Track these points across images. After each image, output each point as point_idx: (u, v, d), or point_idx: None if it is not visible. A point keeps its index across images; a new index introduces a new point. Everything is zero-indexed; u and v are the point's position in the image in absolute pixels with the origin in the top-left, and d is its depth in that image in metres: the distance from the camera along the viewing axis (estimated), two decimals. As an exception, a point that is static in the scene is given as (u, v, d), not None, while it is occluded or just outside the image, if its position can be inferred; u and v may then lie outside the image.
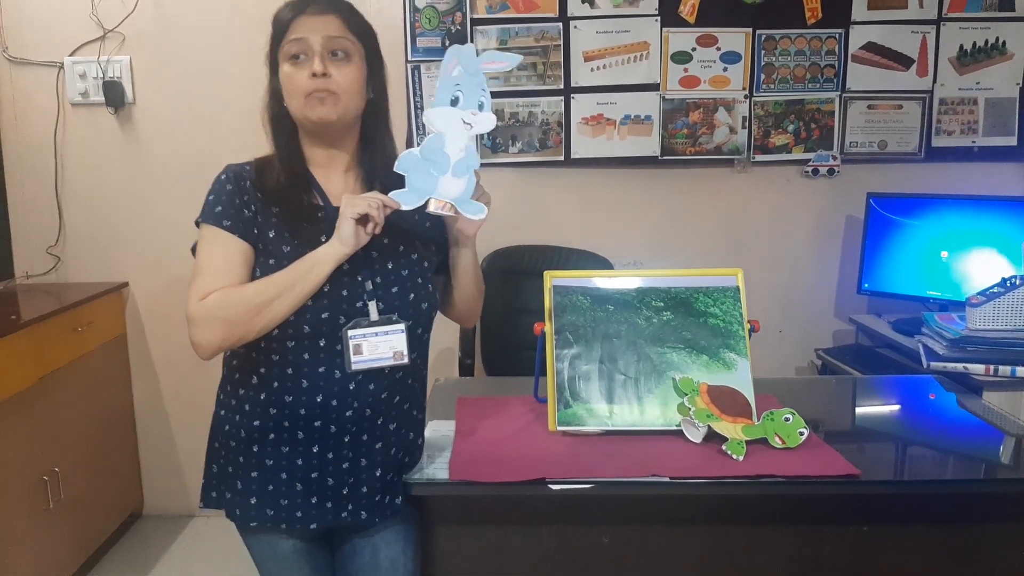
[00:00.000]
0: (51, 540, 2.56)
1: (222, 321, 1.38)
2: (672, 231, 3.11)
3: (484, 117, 1.42)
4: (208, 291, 1.39)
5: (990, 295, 2.21)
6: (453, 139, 1.39)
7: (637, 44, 2.97)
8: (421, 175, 1.38)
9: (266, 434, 1.45)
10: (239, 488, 1.47)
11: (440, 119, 1.40)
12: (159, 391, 3.17)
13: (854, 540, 1.51)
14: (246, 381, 1.46)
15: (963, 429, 1.81)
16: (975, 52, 2.99)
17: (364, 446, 1.45)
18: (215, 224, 1.42)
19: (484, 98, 1.42)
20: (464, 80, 1.40)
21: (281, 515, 1.45)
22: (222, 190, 1.45)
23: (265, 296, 1.38)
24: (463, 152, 1.40)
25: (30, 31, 2.93)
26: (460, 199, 1.40)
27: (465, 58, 1.40)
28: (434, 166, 1.38)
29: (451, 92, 1.40)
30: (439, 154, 1.39)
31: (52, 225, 3.04)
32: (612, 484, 1.45)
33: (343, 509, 1.46)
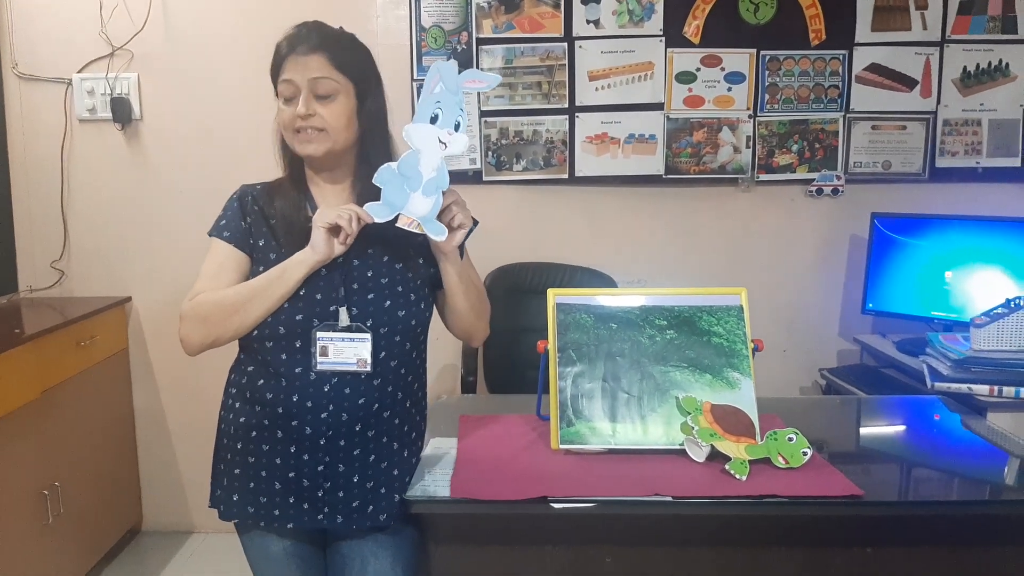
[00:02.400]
0: (51, 554, 2.55)
1: (201, 320, 1.49)
2: (676, 250, 3.11)
3: (458, 138, 1.45)
4: (198, 292, 1.51)
5: (994, 316, 2.21)
6: (428, 157, 1.44)
7: (642, 64, 2.98)
8: (395, 190, 1.43)
9: (249, 431, 1.51)
10: (225, 484, 1.55)
11: (418, 135, 1.44)
12: (160, 406, 3.17)
13: (858, 561, 1.50)
14: (238, 380, 1.56)
15: (967, 450, 1.80)
16: (979, 73, 3.01)
17: (341, 451, 1.48)
18: (217, 236, 1.55)
19: (461, 118, 1.45)
20: (444, 97, 1.44)
21: (260, 512, 1.50)
22: (230, 207, 1.59)
23: (240, 297, 1.47)
24: (435, 172, 1.44)
25: (40, 48, 2.96)
26: (426, 218, 1.44)
27: (447, 75, 1.43)
28: (408, 182, 1.43)
29: (431, 109, 1.44)
30: (414, 171, 1.43)
31: (57, 239, 3.05)
32: (615, 503, 1.44)
33: (319, 512, 1.49)
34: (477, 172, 3.02)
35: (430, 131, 1.43)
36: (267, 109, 3.16)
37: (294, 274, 1.46)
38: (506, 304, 2.93)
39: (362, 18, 2.94)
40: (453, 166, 2.99)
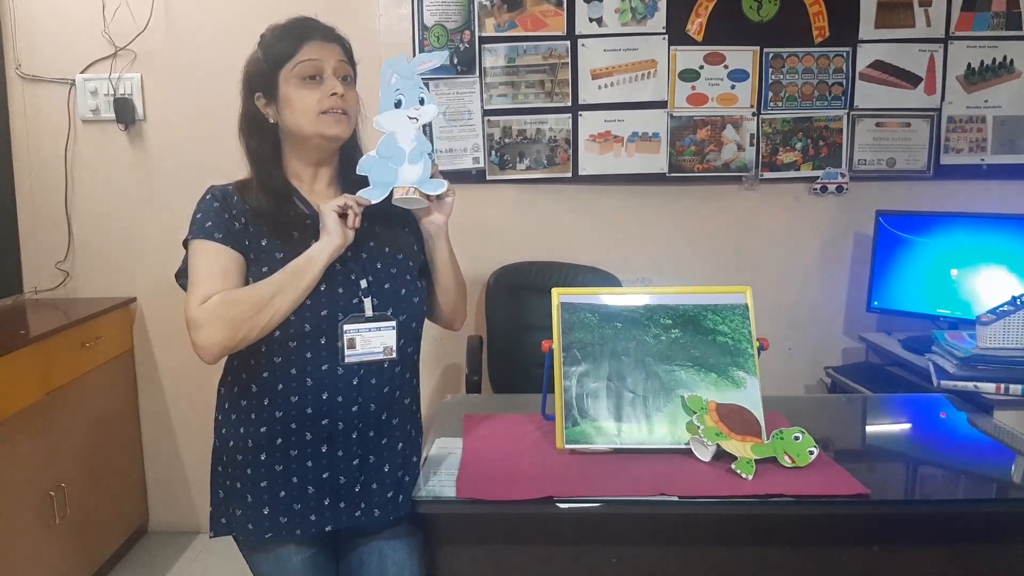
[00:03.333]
0: (57, 556, 2.56)
1: (227, 321, 1.41)
2: (680, 248, 3.11)
3: (427, 108, 1.53)
4: (207, 295, 1.43)
5: (1000, 313, 2.20)
6: (403, 134, 1.51)
7: (645, 62, 2.98)
8: (381, 171, 1.50)
9: (273, 440, 1.47)
10: (249, 501, 1.48)
11: (388, 122, 1.52)
12: (166, 407, 3.17)
13: (864, 560, 1.49)
14: (247, 391, 1.49)
15: (974, 448, 1.80)
16: (983, 70, 3.00)
17: (372, 442, 1.50)
18: (206, 238, 1.47)
19: (424, 94, 1.53)
20: (402, 85, 1.52)
21: (295, 521, 1.47)
22: (209, 208, 1.51)
23: (267, 292, 1.42)
24: (414, 141, 1.51)
25: (43, 48, 2.96)
26: (419, 181, 1.51)
27: (398, 66, 1.53)
28: (391, 160, 1.51)
29: (393, 98, 1.52)
30: (394, 149, 1.51)
31: (61, 240, 3.05)
32: (620, 503, 1.44)
33: (356, 508, 1.49)
34: (480, 171, 3.02)
35: (397, 114, 1.52)
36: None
37: (318, 264, 1.44)
38: (510, 303, 2.93)
39: (364, 17, 2.93)
40: (457, 165, 3.01)
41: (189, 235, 1.50)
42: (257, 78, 1.55)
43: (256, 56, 1.56)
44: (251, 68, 1.56)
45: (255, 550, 1.54)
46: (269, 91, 1.53)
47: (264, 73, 1.53)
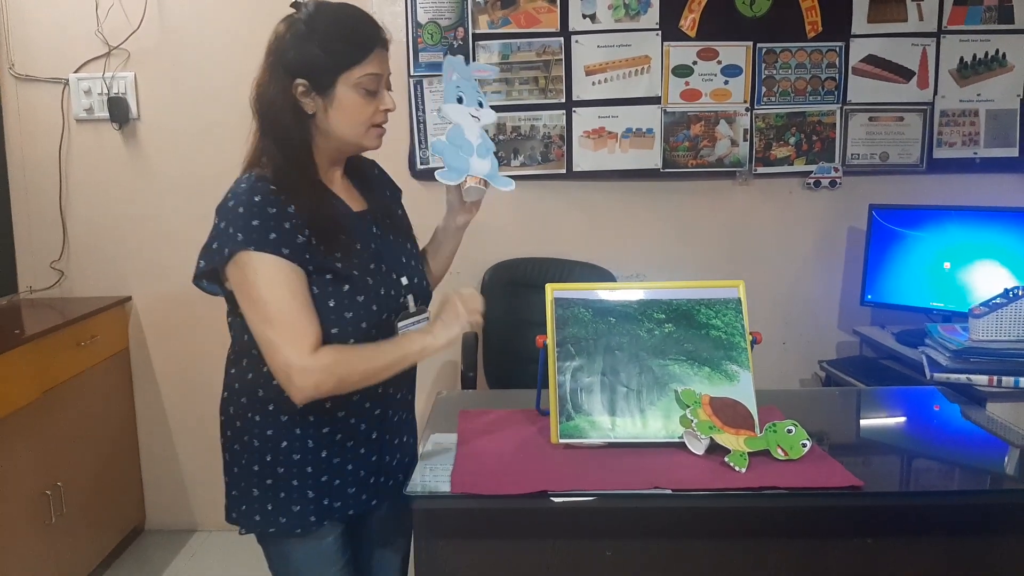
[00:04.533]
0: (53, 555, 2.56)
1: (337, 379, 1.40)
2: (674, 244, 3.12)
3: (486, 112, 1.62)
4: (308, 338, 1.37)
5: (993, 306, 2.21)
6: (469, 128, 1.59)
7: (638, 58, 2.98)
8: (454, 157, 1.58)
9: (334, 435, 1.51)
10: (310, 496, 1.51)
11: (454, 113, 1.59)
12: (162, 406, 3.17)
13: (858, 552, 1.50)
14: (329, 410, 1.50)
15: (967, 440, 1.81)
16: (975, 64, 3.00)
17: (405, 423, 1.66)
18: (273, 252, 1.37)
19: (481, 98, 1.62)
20: (462, 84, 1.60)
21: (349, 503, 1.54)
22: (264, 214, 1.38)
23: (380, 366, 1.45)
24: (480, 139, 1.60)
25: (36, 48, 2.96)
26: (491, 175, 1.61)
27: (458, 66, 1.59)
28: (462, 149, 1.58)
29: (455, 93, 1.60)
30: (462, 140, 1.59)
31: (56, 240, 3.05)
32: (614, 497, 1.44)
33: (393, 479, 1.62)
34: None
35: (461, 109, 1.60)
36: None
37: (428, 353, 1.49)
38: (505, 299, 2.93)
39: (358, 15, 2.93)
40: (451, 162, 3.01)
41: (246, 242, 1.36)
42: (305, 67, 1.43)
43: (307, 43, 1.43)
44: (297, 52, 1.43)
45: (289, 538, 1.53)
46: (319, 86, 1.44)
47: (319, 68, 1.43)
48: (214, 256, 1.40)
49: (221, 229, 1.40)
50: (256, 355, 1.46)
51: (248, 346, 1.49)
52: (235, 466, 1.55)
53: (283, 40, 1.45)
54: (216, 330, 3.10)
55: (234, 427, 1.54)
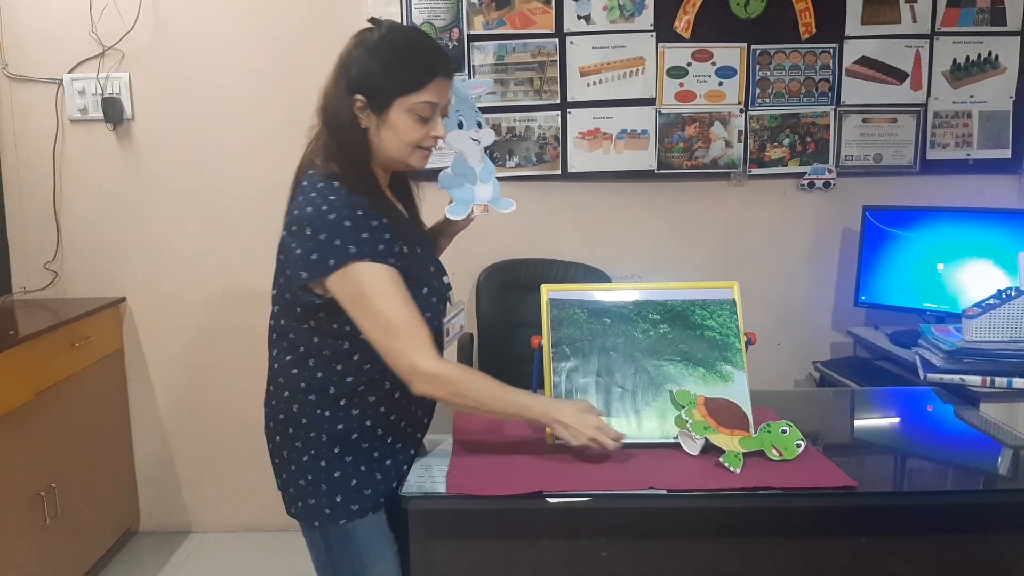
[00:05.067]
0: (47, 556, 2.55)
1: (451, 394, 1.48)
2: (669, 244, 3.12)
3: (485, 132, 1.68)
4: (428, 343, 1.46)
5: (986, 307, 2.22)
6: (471, 154, 1.66)
7: (633, 59, 2.99)
8: (459, 189, 1.65)
9: (399, 422, 1.59)
10: (378, 479, 1.57)
11: (456, 141, 1.65)
12: (156, 406, 3.17)
13: (852, 552, 1.51)
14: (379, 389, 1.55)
15: (960, 441, 1.81)
16: (968, 66, 3.02)
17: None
18: (384, 262, 1.45)
19: (479, 117, 1.68)
20: (461, 106, 1.65)
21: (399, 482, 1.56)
22: (369, 225, 1.45)
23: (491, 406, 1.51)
24: (482, 163, 1.67)
25: (30, 48, 2.95)
26: (494, 199, 1.68)
27: (456, 90, 1.60)
28: (466, 179, 1.65)
29: (455, 119, 1.64)
30: (466, 168, 1.66)
31: (50, 240, 3.04)
32: (609, 497, 1.45)
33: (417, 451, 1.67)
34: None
35: (462, 134, 1.65)
36: (259, 107, 3.16)
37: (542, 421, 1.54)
38: (500, 300, 2.94)
39: (353, 15, 2.93)
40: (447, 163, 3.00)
41: (356, 255, 1.42)
42: (366, 85, 1.48)
43: (370, 62, 1.48)
44: (360, 70, 1.49)
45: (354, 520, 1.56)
46: (376, 104, 1.49)
47: (378, 89, 1.48)
48: (317, 267, 1.43)
49: (323, 240, 1.43)
50: (327, 356, 1.52)
51: (319, 347, 1.52)
52: (293, 464, 1.57)
53: (351, 55, 1.52)
54: (210, 330, 3.11)
55: (298, 424, 1.55)
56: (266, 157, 3.01)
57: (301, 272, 1.45)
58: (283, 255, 1.52)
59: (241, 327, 3.05)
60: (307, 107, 3.26)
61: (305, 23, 2.94)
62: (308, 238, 1.44)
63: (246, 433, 3.12)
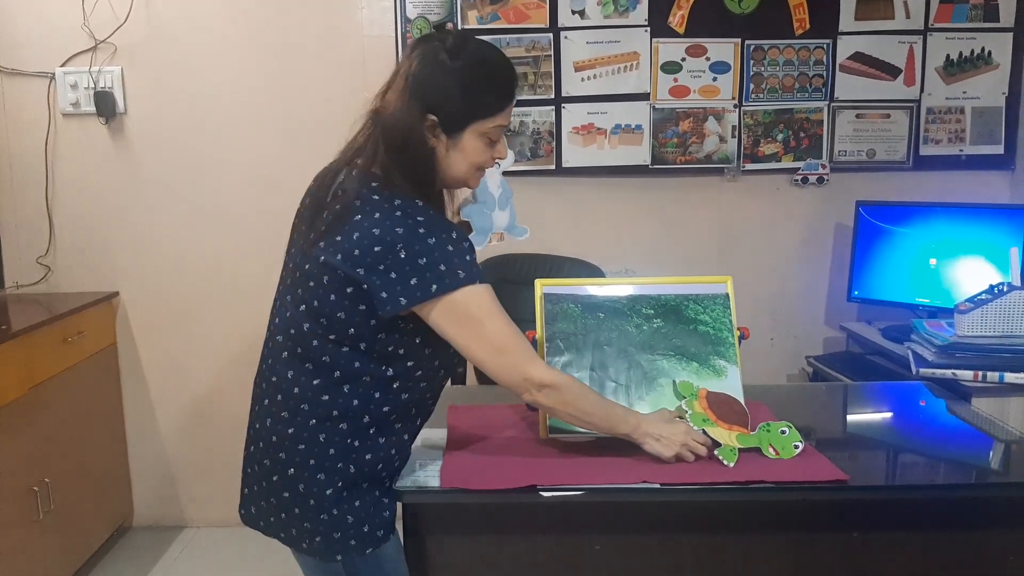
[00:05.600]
0: (41, 551, 2.55)
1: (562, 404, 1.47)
2: (663, 239, 3.13)
3: None
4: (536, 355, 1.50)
5: (978, 302, 2.23)
6: (491, 179, 1.65)
7: (627, 54, 2.99)
8: (480, 218, 1.65)
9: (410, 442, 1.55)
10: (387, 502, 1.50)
11: None
12: (149, 401, 3.16)
13: (845, 546, 1.52)
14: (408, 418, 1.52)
15: (952, 435, 1.83)
16: (961, 62, 3.03)
17: None
18: (484, 281, 1.44)
19: None
20: None
21: None
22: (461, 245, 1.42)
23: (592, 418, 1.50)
24: (500, 188, 1.67)
25: (22, 42, 2.93)
26: (510, 226, 1.68)
27: None
28: (486, 206, 1.65)
29: None
30: (486, 195, 1.65)
31: (42, 235, 3.03)
32: (603, 491, 1.45)
33: None
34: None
35: None
36: (251, 101, 3.14)
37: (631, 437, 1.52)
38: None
39: (347, 9, 2.93)
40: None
41: (465, 279, 1.39)
42: (442, 106, 1.41)
43: (449, 83, 1.41)
44: (437, 90, 1.41)
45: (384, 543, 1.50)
46: (449, 126, 1.42)
47: (454, 112, 1.41)
48: (417, 293, 1.37)
49: (423, 265, 1.36)
50: (367, 382, 1.44)
51: (359, 372, 1.43)
52: (312, 498, 1.45)
53: (423, 70, 1.41)
54: (203, 325, 3.10)
55: (324, 455, 1.44)
56: (259, 151, 3.00)
57: (400, 299, 1.36)
58: (340, 274, 1.38)
59: (235, 321, 3.05)
60: (301, 100, 3.26)
61: (298, 17, 2.93)
62: (404, 262, 1.36)
63: (240, 428, 3.11)
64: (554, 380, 1.45)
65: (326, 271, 1.40)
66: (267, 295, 1.59)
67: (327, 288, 1.40)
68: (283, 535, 1.51)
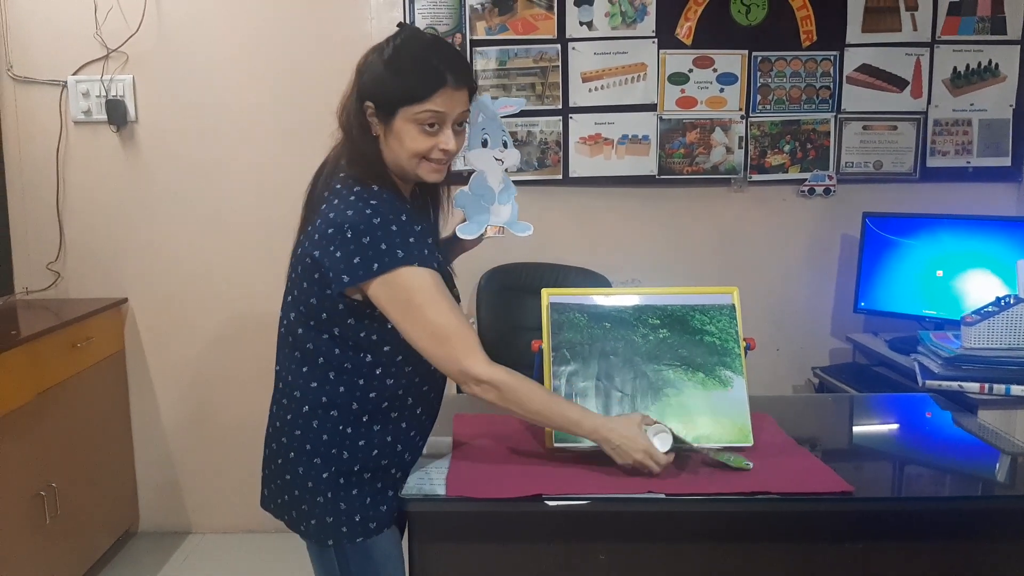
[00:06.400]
0: (47, 556, 2.56)
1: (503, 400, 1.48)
2: (669, 250, 3.13)
3: (510, 152, 1.66)
4: (478, 347, 1.47)
5: (984, 314, 2.23)
6: (492, 174, 1.64)
7: (634, 65, 3.00)
8: (476, 209, 1.63)
9: (410, 432, 1.58)
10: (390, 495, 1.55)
11: (478, 159, 1.63)
12: (156, 408, 3.17)
13: (850, 558, 1.51)
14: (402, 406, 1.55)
15: (958, 447, 1.82)
16: (968, 74, 3.03)
17: None
18: (428, 266, 1.44)
19: (506, 138, 1.66)
20: (488, 125, 1.63)
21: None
22: (413, 230, 1.44)
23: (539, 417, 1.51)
24: (502, 183, 1.65)
25: (34, 50, 2.96)
26: (510, 222, 1.65)
27: (484, 107, 1.61)
28: (483, 199, 1.63)
29: (479, 136, 1.63)
30: (484, 188, 1.64)
31: (53, 241, 3.05)
32: (608, 500, 1.45)
33: None
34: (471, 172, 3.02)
35: (485, 153, 1.63)
36: (262, 110, 3.16)
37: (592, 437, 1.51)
38: (500, 304, 2.94)
39: (357, 20, 2.95)
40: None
41: (404, 259, 1.41)
42: (375, 92, 1.46)
43: (381, 71, 1.46)
44: (371, 77, 1.47)
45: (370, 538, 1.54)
46: (382, 112, 1.47)
47: (385, 96, 1.46)
48: (359, 272, 1.40)
49: (366, 244, 1.40)
50: (349, 369, 1.49)
51: (340, 360, 1.49)
52: (310, 481, 1.51)
53: (367, 60, 1.50)
54: (210, 332, 3.12)
55: (318, 441, 1.51)
56: (269, 160, 3.02)
57: (343, 276, 1.41)
58: (308, 260, 1.46)
59: (243, 329, 3.06)
60: (310, 110, 3.28)
61: (309, 27, 2.95)
62: (349, 241, 1.40)
63: (246, 434, 3.13)
64: (491, 377, 1.45)
65: (300, 261, 1.49)
66: (275, 303, 1.61)
67: (301, 276, 1.49)
68: (287, 517, 1.58)
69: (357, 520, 1.51)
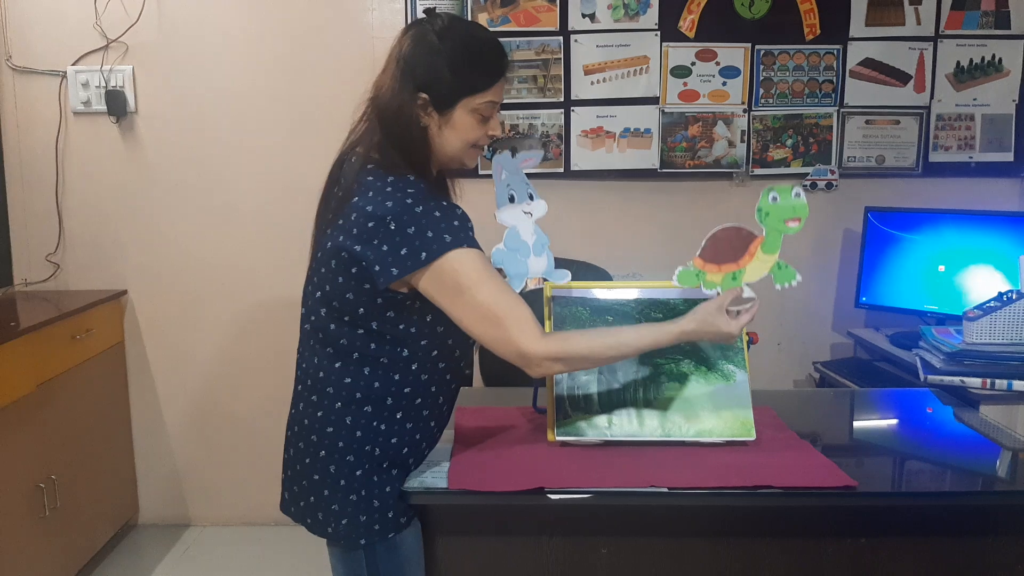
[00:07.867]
0: (47, 548, 2.56)
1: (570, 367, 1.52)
2: (671, 243, 3.12)
3: (537, 204, 1.67)
4: (535, 324, 1.43)
5: (987, 309, 2.22)
6: (523, 228, 1.65)
7: (637, 58, 2.99)
8: (513, 264, 1.64)
9: (436, 431, 1.59)
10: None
11: (508, 216, 1.64)
12: (156, 400, 3.17)
13: (852, 552, 1.51)
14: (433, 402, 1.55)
15: (960, 442, 1.82)
16: (972, 69, 3.02)
17: None
18: (477, 247, 1.45)
19: (531, 190, 1.67)
20: (511, 180, 1.64)
21: None
22: (456, 213, 1.45)
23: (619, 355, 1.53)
24: (534, 235, 1.66)
25: (34, 40, 2.95)
26: (548, 271, 1.67)
27: (506, 163, 1.63)
28: (519, 253, 1.65)
29: (506, 193, 1.64)
30: (519, 243, 1.65)
31: (52, 233, 3.04)
32: (610, 494, 1.45)
33: None
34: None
35: (514, 208, 1.65)
36: (262, 101, 3.15)
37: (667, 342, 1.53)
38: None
39: (357, 11, 2.94)
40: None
41: (452, 244, 1.40)
42: (432, 84, 1.45)
43: (436, 61, 1.45)
44: (427, 69, 1.45)
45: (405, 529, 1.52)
46: (440, 104, 1.46)
47: (444, 88, 1.45)
48: (408, 262, 1.39)
49: (412, 234, 1.39)
50: (385, 364, 1.48)
51: (376, 354, 1.47)
52: (342, 479, 1.48)
53: (413, 50, 1.47)
54: (211, 324, 3.11)
55: (351, 437, 1.48)
56: (269, 150, 3.01)
57: (392, 269, 1.39)
58: (345, 255, 1.42)
59: (243, 320, 3.05)
60: (311, 100, 3.27)
61: (309, 17, 2.94)
62: (394, 233, 1.39)
63: (247, 427, 3.13)
64: (549, 352, 1.42)
65: (333, 255, 1.45)
66: (275, 294, 1.61)
67: (335, 271, 1.45)
68: (310, 520, 1.53)
69: (390, 516, 1.49)
